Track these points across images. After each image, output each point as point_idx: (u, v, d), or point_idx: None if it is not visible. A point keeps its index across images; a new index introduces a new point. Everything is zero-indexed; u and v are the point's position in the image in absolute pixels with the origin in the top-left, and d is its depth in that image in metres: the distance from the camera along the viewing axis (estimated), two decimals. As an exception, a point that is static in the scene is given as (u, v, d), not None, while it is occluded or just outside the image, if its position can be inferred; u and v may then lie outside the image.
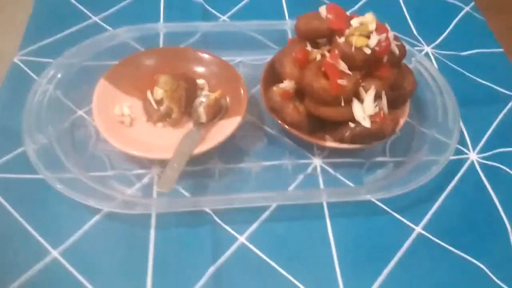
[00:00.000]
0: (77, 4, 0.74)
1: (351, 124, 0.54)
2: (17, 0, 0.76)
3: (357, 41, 0.52)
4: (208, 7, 0.75)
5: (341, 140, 0.55)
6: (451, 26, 0.77)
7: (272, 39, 0.70)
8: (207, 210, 0.53)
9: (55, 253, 0.49)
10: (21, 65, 0.65)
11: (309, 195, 0.55)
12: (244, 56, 0.69)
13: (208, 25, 0.71)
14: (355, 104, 0.53)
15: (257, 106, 0.63)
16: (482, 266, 0.51)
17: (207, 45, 0.67)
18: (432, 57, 0.72)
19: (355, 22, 0.53)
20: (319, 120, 0.56)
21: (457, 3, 0.81)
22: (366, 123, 0.53)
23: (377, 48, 0.52)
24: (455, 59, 0.72)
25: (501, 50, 0.74)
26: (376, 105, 0.53)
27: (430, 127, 0.60)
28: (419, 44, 0.73)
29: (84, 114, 0.60)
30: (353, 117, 0.53)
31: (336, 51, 0.52)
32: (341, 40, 0.53)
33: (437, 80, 0.64)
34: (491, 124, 0.64)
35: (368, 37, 0.52)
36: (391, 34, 0.53)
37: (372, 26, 0.52)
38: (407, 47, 0.60)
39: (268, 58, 0.63)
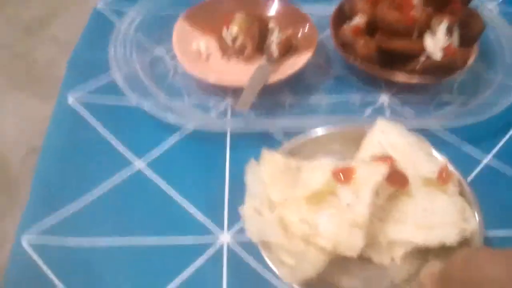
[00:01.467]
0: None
1: (422, 58, 0.55)
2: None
3: (430, -24, 0.54)
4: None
5: (412, 73, 0.57)
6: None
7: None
8: (276, 137, 0.55)
9: (140, 163, 0.53)
10: (102, 11, 0.70)
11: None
12: (310, 9, 0.70)
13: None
14: (427, 37, 0.55)
15: (325, 49, 0.65)
16: None
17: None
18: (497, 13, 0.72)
19: (428, -39, 0.55)
20: (389, 57, 0.58)
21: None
22: (437, 55, 0.54)
23: (449, -17, 0.54)
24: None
25: None
26: (447, 39, 0.55)
27: (496, 71, 0.61)
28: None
29: (162, 52, 0.64)
30: (424, 50, 0.55)
31: (410, -14, 0.54)
32: (414, -24, 0.55)
33: (503, 29, 0.64)
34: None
35: (441, -27, 0.54)
36: (462, -29, 0.55)
37: (445, -37, 0.54)
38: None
39: (332, 9, 0.65)
